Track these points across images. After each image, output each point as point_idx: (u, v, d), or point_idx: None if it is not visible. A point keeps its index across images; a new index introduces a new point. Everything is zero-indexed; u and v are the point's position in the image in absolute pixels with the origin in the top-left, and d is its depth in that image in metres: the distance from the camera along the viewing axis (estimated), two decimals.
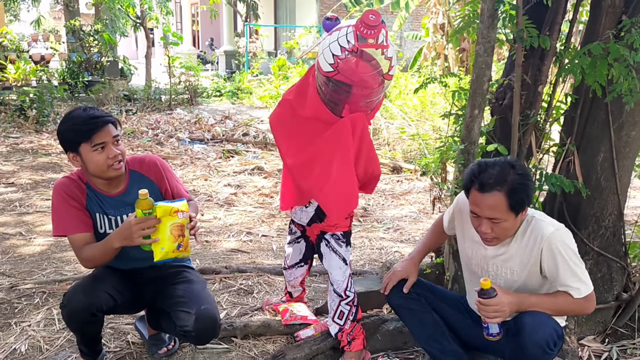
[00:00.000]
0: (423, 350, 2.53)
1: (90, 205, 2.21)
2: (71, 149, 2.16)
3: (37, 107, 7.96)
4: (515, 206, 1.92)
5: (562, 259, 1.96)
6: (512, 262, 2.07)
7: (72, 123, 2.14)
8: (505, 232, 1.99)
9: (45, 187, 5.26)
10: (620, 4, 2.67)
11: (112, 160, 2.15)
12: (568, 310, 2.05)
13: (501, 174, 1.92)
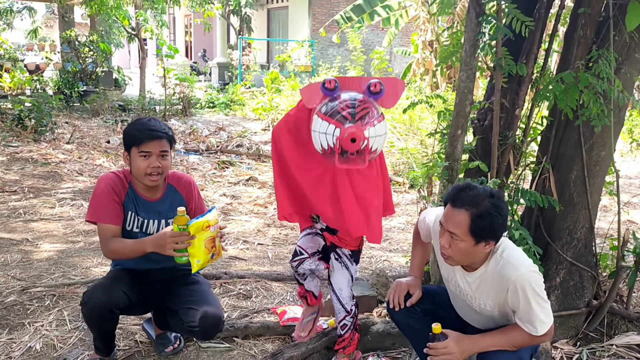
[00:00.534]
0: (410, 350, 2.75)
1: (127, 202, 2.46)
2: (126, 148, 2.44)
3: (35, 117, 8.12)
4: (475, 231, 1.95)
5: (525, 300, 1.99)
6: (483, 296, 2.13)
7: (133, 127, 2.43)
8: (460, 254, 2.02)
9: (47, 195, 5.44)
10: (590, 35, 2.94)
11: (151, 169, 2.38)
12: (522, 344, 2.08)
13: (476, 197, 1.97)
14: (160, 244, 2.24)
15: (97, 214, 2.40)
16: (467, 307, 2.26)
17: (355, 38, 14.26)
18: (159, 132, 2.40)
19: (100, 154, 7.61)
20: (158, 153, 2.39)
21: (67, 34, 13.38)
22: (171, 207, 2.46)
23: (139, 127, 2.41)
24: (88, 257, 3.95)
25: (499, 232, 2.01)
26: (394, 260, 4.16)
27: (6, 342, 2.78)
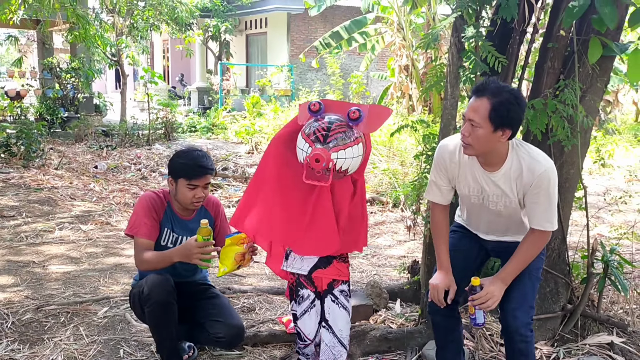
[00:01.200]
0: (405, 353, 3.02)
1: (164, 220, 2.74)
2: (173, 176, 2.71)
3: (24, 143, 8.25)
4: (494, 117, 2.14)
5: (546, 196, 2.25)
6: (503, 192, 2.34)
7: (185, 161, 2.68)
8: (478, 141, 2.20)
9: (46, 219, 5.60)
10: (558, 66, 3.30)
11: (196, 199, 2.70)
12: (533, 256, 2.39)
13: (498, 89, 2.17)
14: (186, 254, 2.50)
15: (135, 229, 2.65)
16: (486, 215, 2.49)
17: (333, 63, 14.69)
18: (208, 169, 2.69)
19: (90, 179, 7.77)
20: (203, 186, 2.69)
21: (48, 60, 13.53)
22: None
23: (191, 163, 2.66)
24: (94, 277, 4.15)
25: (515, 122, 2.19)
26: (384, 274, 4.44)
27: (28, 356, 2.96)
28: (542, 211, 2.31)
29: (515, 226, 2.52)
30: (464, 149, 2.32)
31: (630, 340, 3.26)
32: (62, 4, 9.24)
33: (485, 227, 2.60)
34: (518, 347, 2.43)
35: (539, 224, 2.33)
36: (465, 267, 2.59)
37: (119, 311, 3.51)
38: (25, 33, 20.19)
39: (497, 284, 2.36)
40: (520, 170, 2.29)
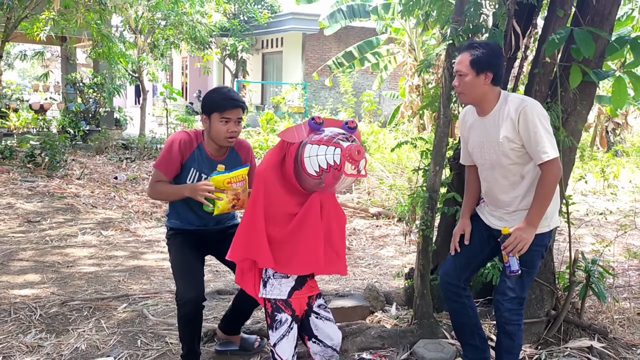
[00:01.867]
0: (397, 350, 3.28)
1: (190, 160, 2.84)
2: (206, 113, 2.81)
3: (48, 154, 8.68)
4: (474, 63, 2.55)
5: (533, 127, 2.50)
6: (493, 136, 2.61)
7: (216, 96, 2.80)
8: (467, 87, 2.59)
9: (69, 225, 5.96)
10: (545, 90, 3.60)
11: (229, 134, 2.78)
12: (551, 191, 2.56)
13: (474, 44, 2.61)
14: (194, 192, 2.68)
15: (159, 163, 2.83)
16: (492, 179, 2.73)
17: (346, 82, 15.07)
18: (239, 101, 2.80)
19: (110, 188, 8.15)
20: (235, 120, 2.78)
21: (72, 76, 14.08)
22: (232, 166, 2.84)
23: (222, 96, 2.78)
24: (115, 277, 4.48)
25: (493, 65, 2.58)
26: (384, 282, 4.71)
27: (55, 344, 3.28)
28: (535, 145, 2.53)
29: (513, 195, 2.70)
30: (459, 99, 2.71)
31: (610, 346, 3.49)
32: (88, 22, 9.73)
33: (495, 200, 2.79)
34: (504, 329, 2.74)
35: (539, 157, 2.54)
36: (474, 255, 2.89)
37: (137, 307, 3.82)
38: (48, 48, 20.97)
39: (525, 229, 2.57)
40: (507, 110, 2.59)
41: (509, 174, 2.67)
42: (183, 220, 2.96)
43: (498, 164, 2.67)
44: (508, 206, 2.73)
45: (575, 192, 9.36)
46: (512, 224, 2.69)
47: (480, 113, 2.72)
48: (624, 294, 4.56)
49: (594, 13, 3.47)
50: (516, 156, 2.62)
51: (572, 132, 3.53)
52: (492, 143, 2.66)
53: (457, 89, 2.68)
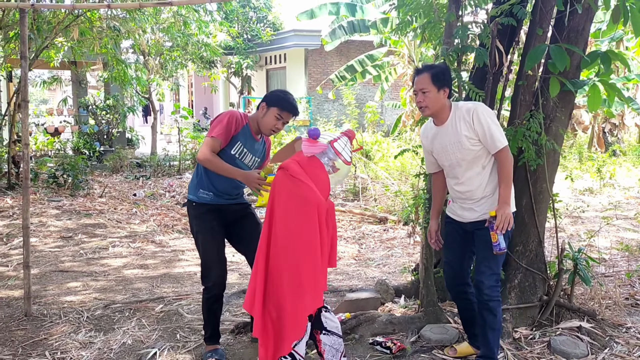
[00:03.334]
0: (406, 334, 3.71)
1: (240, 135, 3.27)
2: (268, 104, 3.25)
3: (71, 175, 9.18)
4: (435, 82, 3.03)
5: (486, 123, 3.02)
6: (454, 138, 3.09)
7: (285, 97, 3.28)
8: (431, 101, 3.07)
9: (99, 239, 6.43)
10: (530, 99, 4.03)
11: (274, 129, 3.26)
12: (510, 173, 3.07)
13: (430, 66, 3.12)
14: (248, 180, 3.13)
15: (216, 131, 3.19)
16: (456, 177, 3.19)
17: (349, 94, 15.55)
18: (296, 110, 3.31)
19: (131, 205, 8.63)
20: (284, 121, 3.28)
21: (85, 99, 14.64)
22: (261, 150, 3.39)
23: (290, 100, 3.27)
24: (148, 282, 4.94)
25: (448, 82, 3.10)
26: (392, 279, 5.13)
27: (104, 340, 3.72)
28: (490, 137, 3.04)
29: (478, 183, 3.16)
30: (422, 112, 3.16)
31: (598, 326, 3.89)
32: (102, 48, 10.26)
33: (464, 193, 3.21)
34: (487, 305, 3.15)
35: (494, 147, 3.06)
36: (461, 254, 3.36)
37: (172, 307, 4.27)
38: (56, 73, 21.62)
39: (503, 207, 3.02)
40: (461, 115, 3.11)
41: (473, 165, 3.14)
42: (216, 190, 3.32)
43: (463, 159, 3.14)
44: (476, 195, 3.18)
45: (573, 191, 9.77)
46: (482, 211, 3.16)
47: (438, 123, 3.21)
48: (613, 282, 4.97)
49: (569, 30, 3.93)
50: (475, 150, 3.10)
51: (554, 136, 3.97)
52: (454, 144, 3.13)
53: (421, 104, 3.12)
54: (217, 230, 3.37)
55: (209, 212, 3.35)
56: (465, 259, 3.36)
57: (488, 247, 3.14)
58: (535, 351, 3.54)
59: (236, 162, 3.27)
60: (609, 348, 3.60)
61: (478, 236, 3.22)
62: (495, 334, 3.21)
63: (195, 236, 3.45)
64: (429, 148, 3.33)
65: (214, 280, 3.32)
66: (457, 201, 3.31)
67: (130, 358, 3.47)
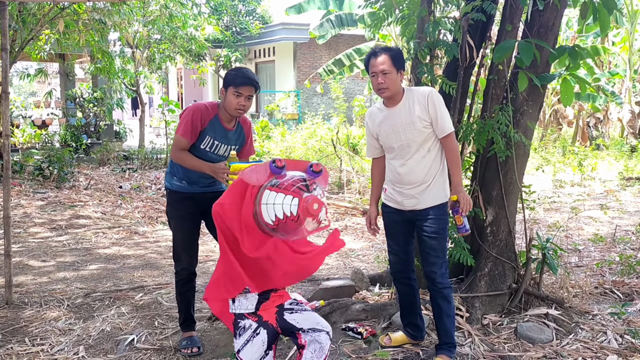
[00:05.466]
0: (379, 321, 3.81)
1: (207, 129, 3.26)
2: (225, 85, 3.22)
3: (57, 167, 9.21)
4: (395, 63, 3.08)
5: (439, 108, 3.13)
6: (406, 119, 3.15)
7: (234, 73, 3.23)
8: (391, 82, 3.09)
9: (83, 230, 6.50)
10: (500, 93, 4.14)
11: (238, 106, 3.19)
12: (458, 157, 3.23)
13: (387, 48, 3.14)
14: (215, 172, 3.16)
15: (184, 132, 3.23)
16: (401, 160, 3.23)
17: (337, 88, 15.62)
18: (253, 80, 3.20)
19: (116, 197, 8.69)
20: (246, 96, 3.19)
21: (72, 91, 14.62)
22: (237, 137, 3.37)
23: (239, 74, 3.21)
24: (129, 272, 5.02)
25: (403, 65, 3.17)
26: (370, 268, 5.25)
27: (83, 327, 3.81)
28: (441, 122, 3.15)
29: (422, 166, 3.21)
30: (382, 94, 3.18)
31: (566, 313, 4.01)
32: (88, 40, 10.26)
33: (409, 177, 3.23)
34: (442, 294, 3.25)
35: (443, 130, 3.17)
36: (405, 243, 3.41)
37: (152, 296, 4.36)
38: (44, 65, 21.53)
39: (462, 190, 3.18)
40: (414, 98, 3.20)
41: (420, 148, 3.20)
42: (189, 179, 3.38)
43: (413, 141, 3.19)
44: (418, 178, 3.22)
45: (555, 184, 9.93)
46: (423, 200, 3.23)
47: (390, 105, 3.25)
48: (584, 272, 5.11)
49: (539, 25, 4.04)
50: (425, 132, 3.18)
51: (524, 130, 4.08)
52: (406, 125, 3.19)
53: (381, 85, 3.13)
54: (189, 218, 3.46)
55: (182, 199, 3.44)
56: (409, 246, 3.42)
57: (432, 237, 3.23)
58: (502, 337, 3.66)
59: (209, 155, 3.33)
60: (573, 334, 3.72)
61: (420, 228, 3.28)
62: (450, 320, 3.29)
63: (169, 221, 3.60)
64: (374, 131, 3.36)
65: (183, 265, 3.45)
66: (396, 186, 3.30)
67: (108, 344, 3.55)
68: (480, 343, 3.52)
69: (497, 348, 3.49)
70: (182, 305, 3.54)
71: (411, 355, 3.36)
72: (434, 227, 3.24)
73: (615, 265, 5.22)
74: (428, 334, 3.63)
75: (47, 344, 3.53)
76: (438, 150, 3.25)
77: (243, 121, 3.46)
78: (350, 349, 3.43)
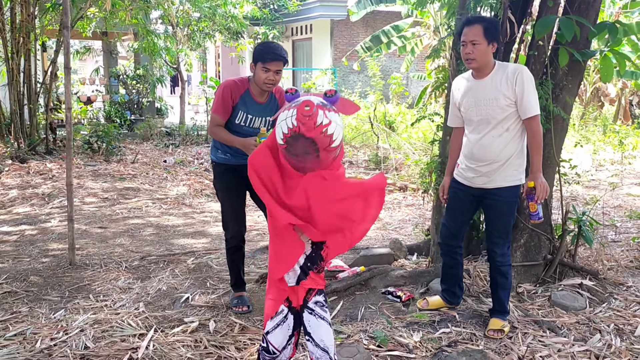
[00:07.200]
0: (416, 286, 4.01)
1: (240, 104, 3.42)
2: (254, 61, 3.35)
3: (105, 141, 9.63)
4: (487, 35, 3.07)
5: (528, 87, 3.11)
6: (491, 94, 3.17)
7: (262, 48, 3.34)
8: (480, 53, 3.11)
9: (133, 200, 6.86)
10: (540, 69, 4.22)
11: (267, 81, 3.32)
12: (541, 142, 3.21)
13: (482, 18, 3.19)
14: (246, 147, 3.31)
15: (216, 109, 3.45)
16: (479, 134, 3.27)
17: (374, 65, 15.64)
18: (280, 56, 3.29)
19: (162, 170, 9.05)
20: (275, 70, 3.30)
21: (116, 69, 15.08)
22: (272, 108, 3.46)
23: (267, 49, 3.30)
24: (180, 238, 5.34)
25: (498, 37, 3.19)
26: (407, 240, 5.43)
27: (142, 287, 4.12)
28: (527, 102, 3.14)
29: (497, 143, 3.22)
30: (469, 64, 3.21)
31: (600, 284, 4.13)
32: (133, 18, 10.60)
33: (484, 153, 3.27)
34: (499, 270, 3.40)
35: (528, 111, 3.16)
36: (462, 220, 3.56)
37: (202, 260, 4.65)
38: (88, 43, 22.12)
39: (539, 177, 3.20)
40: (505, 74, 3.19)
41: (498, 125, 3.22)
42: (232, 151, 3.53)
43: (492, 117, 3.21)
44: (491, 156, 3.25)
45: (595, 162, 9.86)
46: (495, 180, 3.29)
47: (478, 76, 3.27)
48: (621, 247, 5.18)
49: (581, 1, 4.08)
50: (507, 110, 3.19)
51: (563, 105, 4.16)
52: (490, 100, 3.20)
53: (469, 56, 3.16)
54: (235, 188, 3.65)
55: (226, 171, 3.64)
56: (463, 225, 3.54)
57: (498, 218, 3.34)
58: (536, 304, 3.81)
59: (245, 129, 3.49)
60: (607, 303, 3.85)
61: (488, 207, 3.39)
62: (505, 292, 3.45)
63: (216, 193, 3.82)
64: (458, 101, 3.39)
65: (232, 233, 3.68)
66: (470, 162, 3.36)
67: (165, 301, 3.85)
68: (515, 309, 3.68)
69: (531, 314, 3.65)
70: (233, 270, 3.80)
71: (447, 318, 3.55)
72: (502, 209, 3.32)
73: None
74: (464, 299, 3.80)
75: (109, 300, 3.84)
76: (518, 131, 3.25)
77: (276, 91, 3.54)
78: (390, 311, 3.64)
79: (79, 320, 3.46)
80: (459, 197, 3.50)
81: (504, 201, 3.32)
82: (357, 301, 3.79)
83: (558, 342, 3.24)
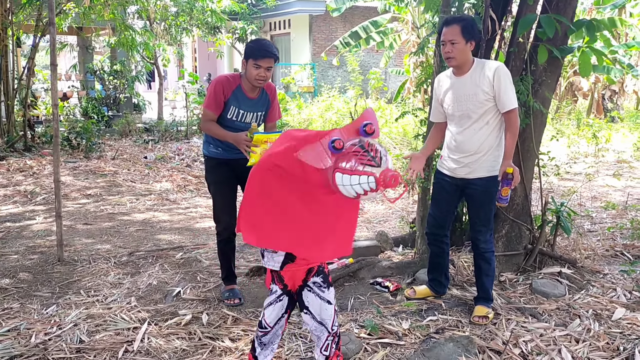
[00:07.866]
0: (403, 277, 4.12)
1: (231, 99, 3.49)
2: (245, 57, 3.43)
3: (84, 138, 9.55)
4: (465, 34, 3.23)
5: (504, 83, 3.26)
6: (470, 90, 3.32)
7: (253, 45, 3.42)
8: (459, 52, 3.27)
9: (117, 196, 6.84)
10: (520, 65, 4.36)
11: (258, 77, 3.40)
12: (517, 134, 3.36)
13: (460, 18, 3.32)
14: (237, 142, 3.32)
15: (208, 104, 3.50)
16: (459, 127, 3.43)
17: (353, 60, 15.75)
18: (271, 53, 3.36)
19: (143, 167, 9.02)
20: (266, 67, 3.38)
21: (92, 64, 14.90)
22: (262, 104, 3.57)
23: (258, 46, 3.39)
24: (167, 233, 5.37)
25: (476, 36, 3.33)
26: (392, 232, 5.55)
27: (132, 282, 4.15)
28: (504, 97, 3.30)
29: (477, 136, 3.39)
30: (448, 62, 3.38)
31: (578, 272, 4.29)
32: (111, 13, 10.50)
33: (464, 146, 3.44)
34: (483, 257, 3.55)
35: (505, 106, 3.32)
36: (447, 210, 3.70)
37: (191, 254, 4.70)
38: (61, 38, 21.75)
39: (511, 164, 3.34)
40: (482, 71, 3.35)
41: (479, 119, 3.39)
42: (224, 145, 3.57)
43: (473, 111, 3.38)
44: (472, 148, 3.42)
45: (570, 155, 10.12)
46: (476, 170, 3.45)
47: (458, 74, 3.42)
48: (597, 236, 5.37)
49: (558, 0, 4.23)
50: (486, 105, 3.35)
51: (542, 100, 4.31)
52: (470, 96, 3.37)
53: (448, 55, 3.32)
54: (226, 182, 3.72)
55: (218, 165, 3.71)
56: (449, 214, 3.68)
57: (480, 206, 3.50)
58: (517, 292, 3.95)
59: (237, 124, 3.56)
60: (585, 290, 4.01)
61: (470, 196, 3.54)
62: (489, 279, 3.59)
63: (208, 187, 3.88)
64: (440, 98, 3.55)
65: (224, 225, 3.74)
66: (452, 153, 3.52)
67: (157, 295, 3.90)
68: (498, 297, 3.82)
69: (513, 301, 3.79)
70: (224, 262, 3.86)
71: (434, 306, 3.67)
72: (483, 198, 3.47)
73: (626, 230, 5.47)
74: (449, 288, 3.93)
75: (100, 295, 3.87)
76: (498, 123, 3.41)
77: (267, 87, 3.62)
78: (379, 301, 3.74)
79: (72, 315, 3.49)
80: (443, 187, 3.65)
81: (485, 190, 3.48)
82: (347, 292, 3.88)
83: (540, 328, 3.38)
